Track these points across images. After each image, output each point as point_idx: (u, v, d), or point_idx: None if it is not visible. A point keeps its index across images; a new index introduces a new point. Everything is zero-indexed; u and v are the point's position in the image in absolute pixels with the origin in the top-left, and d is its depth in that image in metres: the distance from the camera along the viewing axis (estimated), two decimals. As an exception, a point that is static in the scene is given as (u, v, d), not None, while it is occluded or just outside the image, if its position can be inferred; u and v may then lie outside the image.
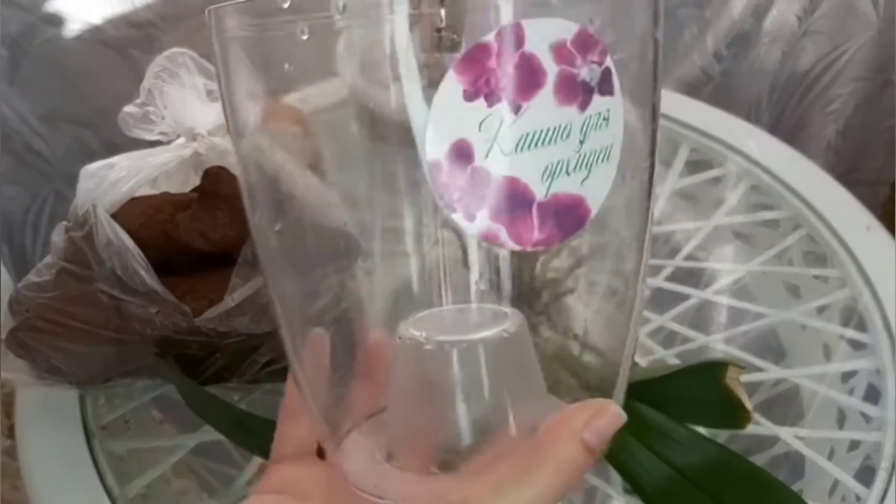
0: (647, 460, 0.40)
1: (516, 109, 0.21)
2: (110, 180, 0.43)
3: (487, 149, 0.21)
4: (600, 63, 0.22)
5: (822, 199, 0.61)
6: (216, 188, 0.42)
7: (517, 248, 0.22)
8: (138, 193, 0.44)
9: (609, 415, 0.24)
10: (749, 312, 0.58)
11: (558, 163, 0.22)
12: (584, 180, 0.22)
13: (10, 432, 0.49)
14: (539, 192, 0.22)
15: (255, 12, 0.23)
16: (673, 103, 0.70)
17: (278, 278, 0.27)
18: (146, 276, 0.41)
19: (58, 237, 0.43)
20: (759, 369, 0.52)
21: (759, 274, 0.61)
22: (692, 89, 0.90)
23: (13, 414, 0.48)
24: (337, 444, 0.27)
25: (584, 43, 0.21)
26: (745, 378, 0.39)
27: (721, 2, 0.88)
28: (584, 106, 0.22)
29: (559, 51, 0.21)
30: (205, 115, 0.44)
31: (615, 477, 0.46)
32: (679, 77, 0.91)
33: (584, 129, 0.22)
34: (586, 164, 0.22)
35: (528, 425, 0.25)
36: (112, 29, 0.70)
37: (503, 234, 0.22)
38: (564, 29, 0.21)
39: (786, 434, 0.48)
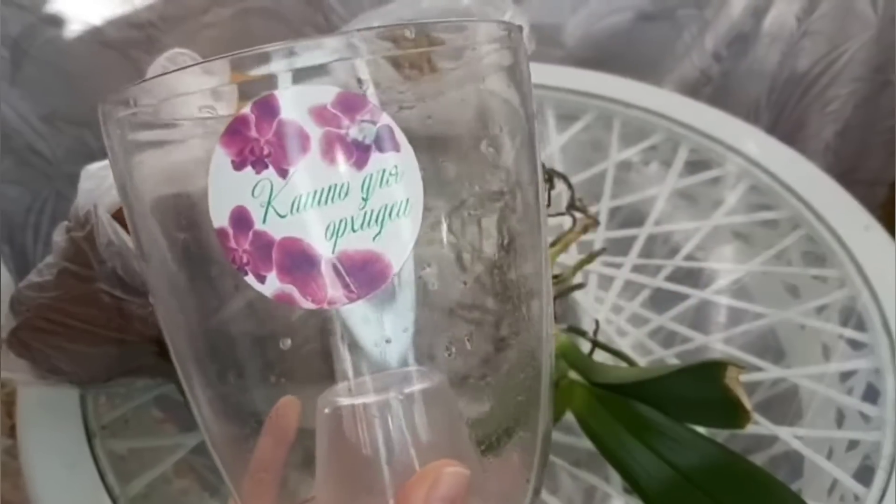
0: (646, 460, 0.40)
1: (283, 174, 0.22)
2: (111, 181, 0.43)
3: (264, 213, 0.22)
4: (374, 121, 0.23)
5: (821, 199, 0.61)
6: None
7: (313, 306, 0.23)
8: (139, 193, 0.44)
9: (446, 479, 0.24)
10: (748, 312, 0.58)
11: (341, 221, 0.22)
12: (376, 236, 0.23)
13: (12, 432, 0.49)
14: (324, 250, 0.23)
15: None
16: (672, 104, 0.71)
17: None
18: (147, 275, 0.41)
19: (59, 237, 0.43)
20: (758, 369, 0.52)
21: (758, 274, 0.62)
22: (691, 90, 0.90)
23: (14, 413, 0.48)
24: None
25: (348, 103, 0.22)
26: (744, 378, 0.39)
27: (720, 2, 0.88)
28: (360, 164, 0.22)
29: (320, 114, 0.22)
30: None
31: (615, 476, 0.46)
32: (678, 78, 0.91)
33: (366, 186, 0.23)
34: (376, 221, 0.23)
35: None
36: (112, 30, 0.70)
37: (296, 294, 0.23)
38: (322, 93, 0.22)
39: (785, 434, 0.48)
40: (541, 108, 0.69)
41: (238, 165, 0.22)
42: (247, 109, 0.22)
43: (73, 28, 0.69)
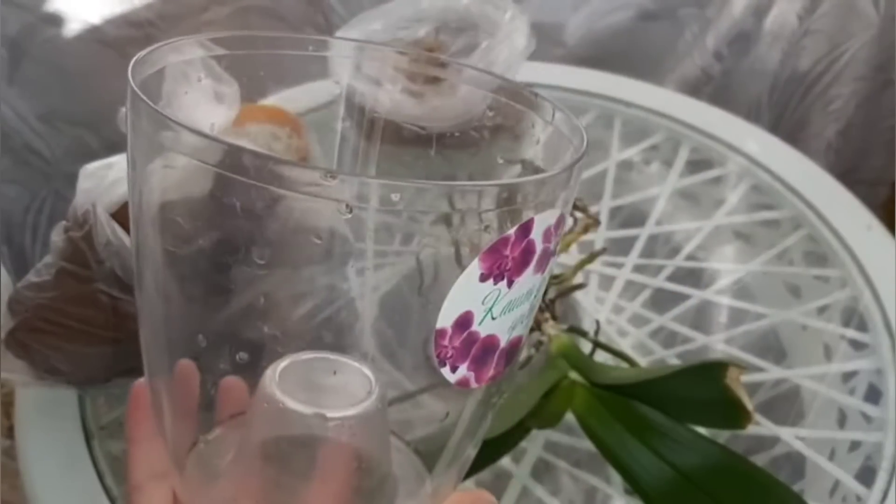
0: (647, 460, 0.40)
1: (510, 284, 0.24)
2: (109, 180, 0.43)
3: (483, 317, 0.24)
4: (560, 233, 0.25)
5: (823, 198, 0.61)
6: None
7: (476, 386, 0.25)
8: (137, 193, 0.44)
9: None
10: (750, 312, 0.58)
11: (521, 317, 0.25)
12: (527, 323, 0.26)
13: (10, 432, 0.49)
14: (504, 341, 0.25)
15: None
16: (673, 103, 0.70)
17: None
18: (145, 275, 0.41)
19: (57, 237, 0.43)
20: (759, 369, 0.52)
21: (759, 274, 0.61)
22: (693, 89, 0.90)
23: (12, 414, 0.48)
24: (181, 465, 0.29)
25: (560, 223, 0.25)
26: (745, 378, 0.38)
27: (722, 2, 0.88)
28: (544, 270, 0.25)
29: (546, 233, 0.24)
30: (202, 115, 0.44)
31: (615, 477, 0.46)
32: (680, 77, 0.91)
33: (540, 287, 0.25)
34: (531, 311, 0.26)
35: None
36: (111, 28, 0.70)
37: (472, 379, 0.25)
38: (553, 216, 0.24)
39: (786, 434, 0.48)
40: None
41: (484, 278, 0.24)
42: (511, 232, 0.23)
43: (72, 27, 0.69)
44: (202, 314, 0.28)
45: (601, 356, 0.48)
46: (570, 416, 0.45)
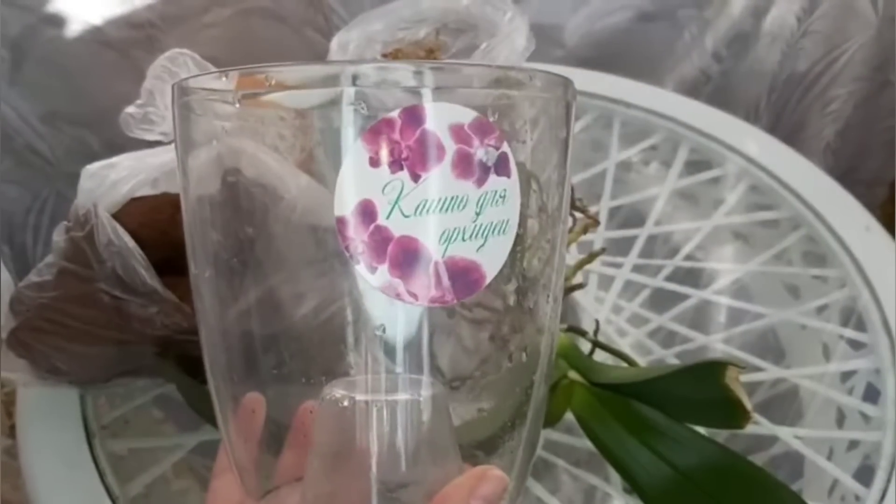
0: (646, 460, 0.40)
1: (416, 178, 0.24)
2: (111, 180, 0.43)
3: (389, 210, 0.24)
4: (497, 147, 0.25)
5: (822, 199, 0.61)
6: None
7: (414, 302, 0.25)
8: (139, 194, 0.44)
9: (490, 480, 0.26)
10: (748, 312, 0.58)
11: (455, 229, 0.25)
12: (479, 248, 0.25)
13: (11, 432, 0.49)
14: (436, 252, 0.25)
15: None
16: (672, 104, 0.71)
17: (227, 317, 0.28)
18: (147, 275, 0.41)
19: (59, 237, 0.43)
20: (758, 369, 0.52)
21: (758, 274, 0.62)
22: (692, 90, 0.90)
23: (14, 413, 0.48)
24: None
25: (481, 127, 0.25)
26: (744, 378, 0.39)
27: (720, 2, 0.88)
28: (480, 182, 0.25)
29: (457, 132, 0.24)
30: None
31: (615, 476, 0.46)
32: (679, 77, 0.91)
33: (481, 202, 0.25)
34: (482, 234, 0.25)
35: (438, 490, 0.27)
36: (113, 30, 0.70)
37: (401, 288, 0.25)
38: (463, 114, 0.24)
39: (785, 434, 0.48)
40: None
41: (374, 162, 0.24)
42: (395, 114, 0.24)
43: (73, 28, 0.69)
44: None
45: (600, 356, 0.48)
46: (569, 416, 0.45)
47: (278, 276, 0.28)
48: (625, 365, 0.47)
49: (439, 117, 0.24)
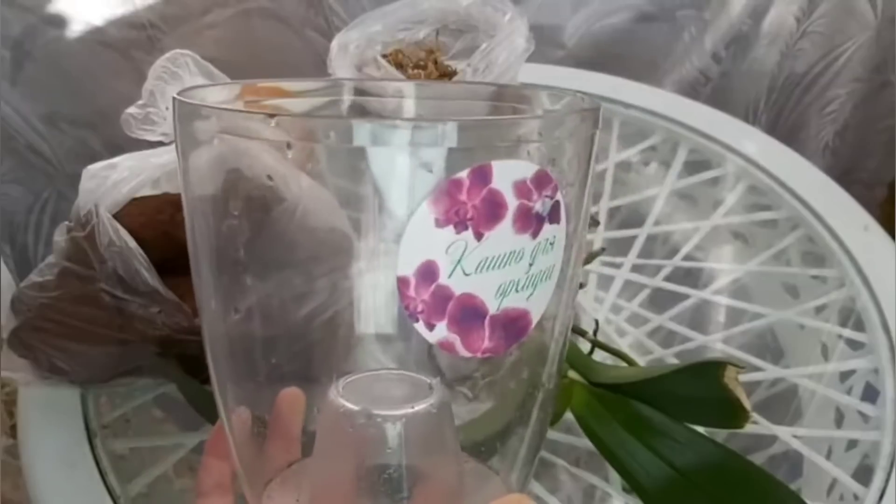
0: (646, 460, 0.40)
1: (479, 237, 0.24)
2: (112, 181, 0.43)
3: (451, 270, 0.24)
4: (552, 197, 0.25)
5: (821, 199, 0.62)
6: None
7: (468, 355, 0.25)
8: (140, 194, 0.44)
9: None
10: (747, 312, 0.58)
11: (510, 282, 0.25)
12: (529, 296, 0.26)
13: (12, 431, 0.49)
14: (492, 307, 0.25)
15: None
16: (672, 104, 0.71)
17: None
18: (148, 275, 0.41)
19: (60, 237, 0.43)
20: (757, 369, 0.53)
21: (757, 274, 0.62)
22: (691, 90, 0.91)
23: (15, 413, 0.48)
24: (257, 497, 0.29)
25: (541, 180, 0.25)
26: (743, 377, 0.39)
27: (720, 3, 0.88)
28: (535, 234, 0.25)
29: (520, 187, 0.24)
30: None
31: (614, 476, 0.46)
32: (678, 78, 0.91)
33: (534, 253, 0.25)
34: (532, 283, 0.25)
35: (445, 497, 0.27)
36: (113, 30, 0.70)
37: (458, 343, 0.25)
38: (526, 169, 0.24)
39: (784, 433, 0.48)
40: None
41: (441, 223, 0.23)
42: (463, 174, 0.23)
43: (74, 28, 0.69)
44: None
45: (600, 355, 0.48)
46: (568, 415, 0.45)
47: (279, 277, 0.28)
48: (624, 365, 0.47)
49: (505, 174, 0.24)
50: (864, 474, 0.46)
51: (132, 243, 0.41)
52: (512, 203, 0.24)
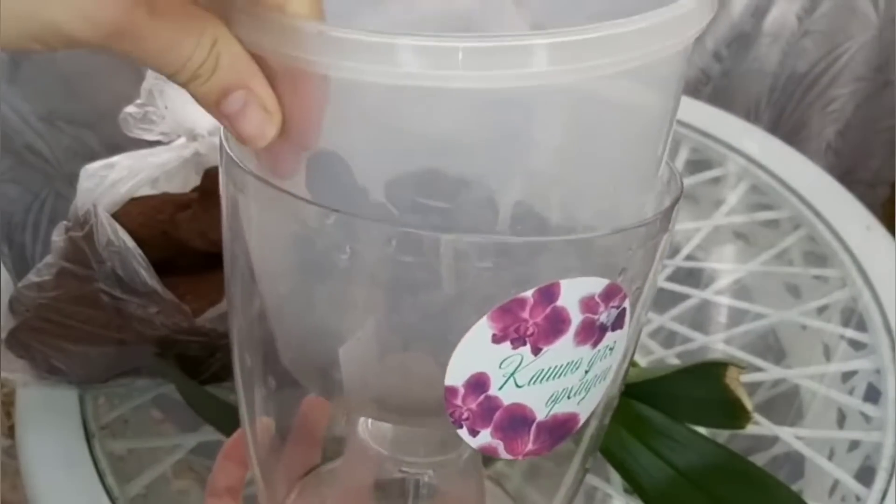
0: (646, 460, 0.40)
1: (537, 352, 0.22)
2: (111, 180, 0.43)
3: (503, 382, 0.23)
4: (619, 306, 0.24)
5: (822, 199, 0.61)
6: (216, 188, 0.42)
7: (509, 457, 0.24)
8: (139, 193, 0.44)
9: None
10: (749, 312, 0.58)
11: (563, 390, 0.24)
12: (581, 401, 0.24)
13: (10, 432, 0.49)
14: (540, 414, 0.24)
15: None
16: (673, 103, 0.70)
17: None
18: (146, 275, 0.41)
19: (58, 237, 0.43)
20: (758, 369, 0.52)
21: (759, 274, 0.61)
22: (692, 89, 0.90)
23: (13, 413, 0.48)
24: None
25: (610, 294, 0.23)
26: (744, 378, 0.39)
27: (721, 2, 0.88)
28: (596, 343, 0.23)
29: (587, 303, 0.23)
30: (205, 115, 0.44)
31: (615, 477, 0.46)
32: (679, 77, 0.91)
33: (592, 361, 0.24)
34: (586, 388, 0.24)
35: None
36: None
37: (501, 448, 0.24)
38: (596, 285, 0.23)
39: (786, 434, 0.48)
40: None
41: (498, 339, 0.22)
42: (529, 294, 0.22)
43: (73, 28, 0.69)
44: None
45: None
46: (569, 416, 0.45)
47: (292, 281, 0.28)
48: (625, 365, 0.47)
49: (572, 292, 0.22)
50: (866, 475, 0.46)
51: (131, 243, 0.41)
52: (576, 318, 0.23)
